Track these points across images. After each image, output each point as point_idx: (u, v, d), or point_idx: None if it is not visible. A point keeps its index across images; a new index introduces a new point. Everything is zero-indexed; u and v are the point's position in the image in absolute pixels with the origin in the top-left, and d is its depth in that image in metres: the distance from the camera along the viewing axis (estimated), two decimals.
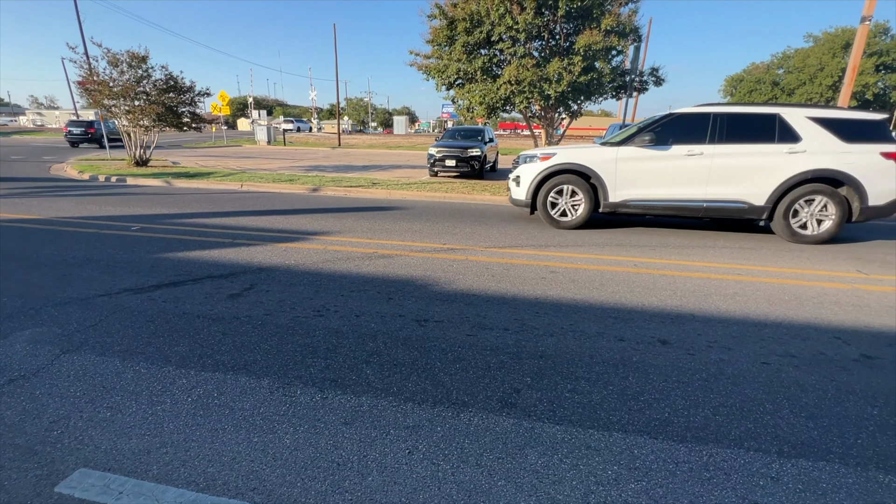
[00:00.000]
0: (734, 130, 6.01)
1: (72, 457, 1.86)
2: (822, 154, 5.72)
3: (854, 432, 2.12)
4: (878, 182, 5.68)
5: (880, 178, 5.68)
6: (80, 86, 13.33)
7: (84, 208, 7.34)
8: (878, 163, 5.64)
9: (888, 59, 34.15)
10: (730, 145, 5.98)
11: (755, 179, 5.93)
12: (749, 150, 5.94)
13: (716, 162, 5.98)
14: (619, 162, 6.26)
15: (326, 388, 2.39)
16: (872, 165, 5.65)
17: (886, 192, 5.71)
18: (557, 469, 1.86)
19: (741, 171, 5.96)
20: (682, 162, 6.08)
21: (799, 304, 3.72)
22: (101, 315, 3.21)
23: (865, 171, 5.66)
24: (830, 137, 5.74)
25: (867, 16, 8.75)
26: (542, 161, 6.55)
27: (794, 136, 5.83)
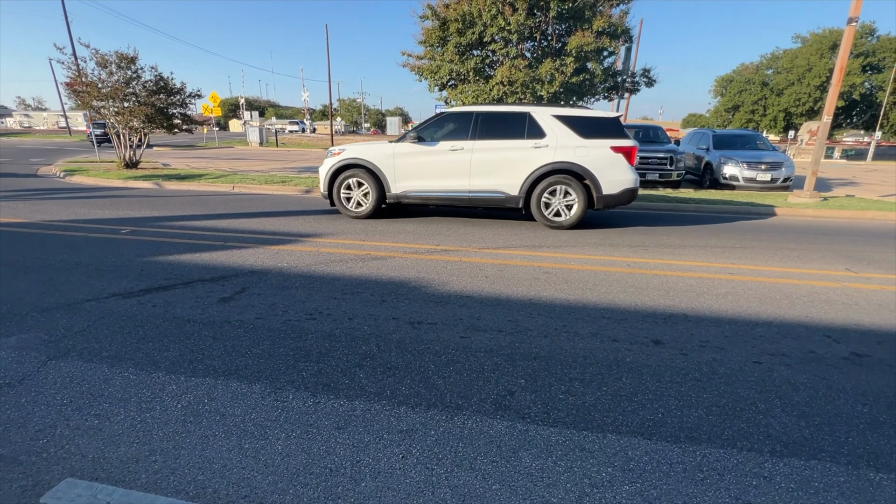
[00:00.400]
0: (491, 128, 6.60)
1: (58, 466, 1.82)
2: (563, 148, 6.34)
3: (845, 431, 2.14)
4: (610, 173, 6.32)
5: (611, 169, 6.32)
6: (68, 87, 13.15)
7: (72, 211, 7.23)
8: (609, 156, 6.30)
9: (875, 59, 34.67)
10: (488, 141, 6.54)
11: (509, 171, 6.50)
12: (503, 146, 6.52)
13: (475, 156, 6.55)
14: (396, 157, 6.81)
15: (319, 392, 2.37)
16: (604, 158, 6.30)
17: (617, 182, 6.35)
18: (552, 472, 1.85)
19: (497, 165, 6.52)
20: (447, 156, 6.65)
21: (790, 303, 3.76)
22: (88, 320, 3.16)
23: (598, 163, 6.29)
24: (570, 134, 6.36)
25: (854, 17, 8.87)
26: (335, 156, 7.07)
27: (541, 133, 6.42)
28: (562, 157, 6.31)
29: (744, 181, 11.43)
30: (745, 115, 42.03)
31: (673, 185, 11.94)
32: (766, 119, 41.00)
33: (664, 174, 11.61)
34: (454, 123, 6.77)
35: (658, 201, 9.09)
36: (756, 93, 41.39)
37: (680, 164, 11.70)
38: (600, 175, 6.30)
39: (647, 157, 11.64)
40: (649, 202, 8.96)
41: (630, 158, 6.34)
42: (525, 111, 6.53)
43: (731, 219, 7.95)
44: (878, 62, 34.72)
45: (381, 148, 6.93)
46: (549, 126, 6.42)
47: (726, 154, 11.98)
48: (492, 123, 6.60)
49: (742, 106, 42.33)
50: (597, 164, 6.28)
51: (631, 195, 6.50)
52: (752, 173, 11.34)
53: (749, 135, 13.51)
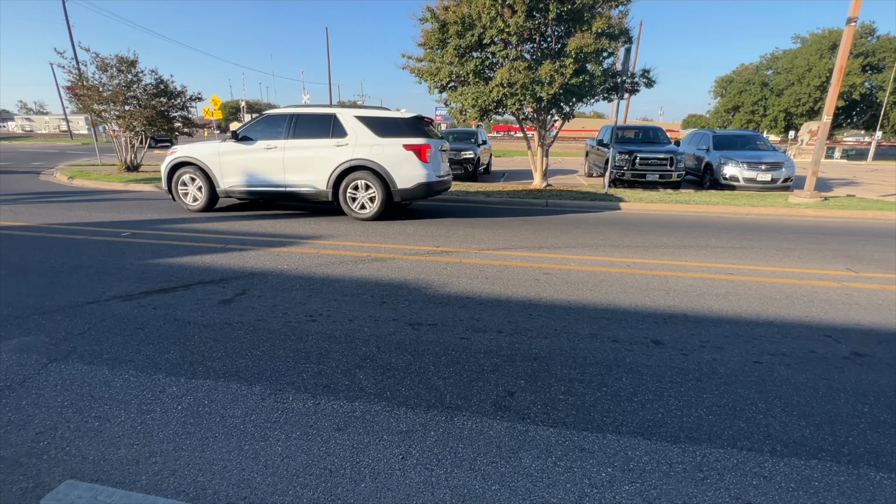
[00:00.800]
0: (304, 128, 7.11)
1: (58, 468, 1.82)
2: (361, 146, 6.87)
3: (845, 430, 2.14)
4: (402, 168, 6.82)
5: (403, 165, 6.81)
6: (69, 91, 13.20)
7: (73, 214, 7.25)
8: (401, 153, 6.79)
9: (874, 59, 34.64)
10: (299, 140, 7.07)
11: (316, 168, 7.02)
12: (311, 144, 7.04)
13: (287, 154, 7.07)
14: (221, 155, 7.32)
15: (319, 393, 2.37)
16: (396, 155, 6.79)
17: (410, 177, 6.85)
18: (552, 472, 1.85)
19: (306, 162, 7.05)
20: (264, 154, 7.17)
21: (790, 303, 3.75)
22: (89, 323, 3.16)
23: (391, 159, 6.80)
24: (369, 133, 6.91)
25: (853, 17, 8.87)
26: (171, 155, 7.62)
27: (343, 132, 6.96)
28: (360, 154, 6.83)
29: (744, 181, 11.42)
30: (746, 115, 42.02)
31: (673, 185, 11.94)
32: (767, 119, 40.99)
33: (664, 175, 11.62)
34: (273, 124, 7.26)
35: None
36: (756, 93, 41.38)
37: (680, 164, 11.70)
38: (394, 171, 6.80)
39: (648, 158, 11.65)
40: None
41: (421, 155, 6.80)
42: (331, 113, 7.10)
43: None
44: (877, 62, 34.70)
45: (209, 147, 7.43)
46: (351, 126, 6.95)
47: (726, 154, 11.98)
48: (304, 124, 7.12)
49: (742, 106, 42.32)
50: (390, 161, 6.79)
51: (426, 189, 6.96)
52: (752, 173, 11.33)
53: (749, 135, 13.51)
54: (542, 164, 11.28)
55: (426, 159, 6.82)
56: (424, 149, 6.79)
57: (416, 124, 7.02)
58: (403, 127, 6.93)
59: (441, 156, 7.45)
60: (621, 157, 11.69)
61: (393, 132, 6.88)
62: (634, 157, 11.67)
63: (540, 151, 11.22)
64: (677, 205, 9.02)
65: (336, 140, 6.95)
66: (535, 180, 11.50)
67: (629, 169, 11.69)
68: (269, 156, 7.13)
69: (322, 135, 7.01)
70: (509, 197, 9.70)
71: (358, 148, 6.87)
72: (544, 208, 8.95)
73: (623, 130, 13.65)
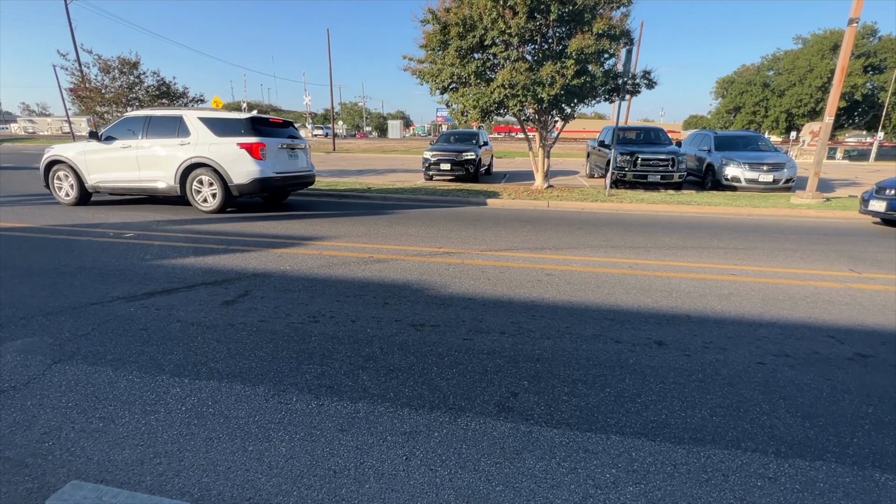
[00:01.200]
0: (156, 128, 7.69)
1: (63, 469, 1.83)
2: (201, 145, 7.42)
3: (850, 431, 2.13)
4: (237, 165, 7.38)
5: (238, 163, 7.36)
6: (72, 93, 13.26)
7: (76, 215, 7.27)
8: (235, 151, 7.34)
9: (876, 60, 34.61)
10: (150, 139, 7.68)
11: (165, 165, 7.59)
12: (160, 143, 7.62)
13: (140, 153, 7.70)
14: (87, 154, 7.99)
15: (322, 394, 2.37)
16: (231, 153, 7.34)
17: (245, 174, 7.40)
18: (555, 473, 1.85)
19: (156, 159, 7.65)
20: (121, 153, 7.79)
21: (793, 304, 3.74)
22: (93, 324, 3.17)
23: (227, 157, 7.35)
24: (208, 133, 7.47)
25: (855, 18, 8.87)
26: (46, 153, 8.33)
27: (187, 132, 7.53)
28: (200, 152, 7.39)
29: (746, 182, 11.41)
30: (747, 116, 41.99)
31: (675, 186, 11.93)
32: (768, 120, 40.95)
33: (666, 176, 11.61)
34: (130, 125, 7.86)
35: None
36: (757, 94, 41.35)
37: (682, 165, 11.69)
38: (229, 167, 7.36)
39: (649, 159, 11.64)
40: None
41: (254, 153, 7.35)
42: (178, 114, 7.68)
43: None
44: (879, 63, 34.66)
45: (77, 146, 8.13)
46: (194, 126, 7.51)
47: (728, 155, 11.96)
48: (156, 125, 7.71)
49: (743, 107, 42.29)
50: (226, 158, 7.34)
51: (261, 185, 7.48)
52: (754, 174, 11.32)
53: (751, 136, 13.49)
54: (544, 165, 11.28)
55: (260, 156, 7.39)
56: (257, 147, 7.36)
57: (251, 124, 7.53)
58: (239, 127, 7.46)
59: (288, 153, 8.02)
60: (623, 158, 11.69)
61: (230, 132, 7.43)
62: (636, 157, 11.67)
63: (541, 152, 11.23)
64: (679, 206, 9.02)
65: (181, 139, 7.52)
66: (536, 181, 11.50)
67: (631, 170, 11.69)
68: (125, 154, 7.76)
69: (170, 134, 7.59)
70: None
71: (199, 146, 7.42)
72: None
73: (624, 131, 13.65)
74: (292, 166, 8.08)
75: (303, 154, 8.46)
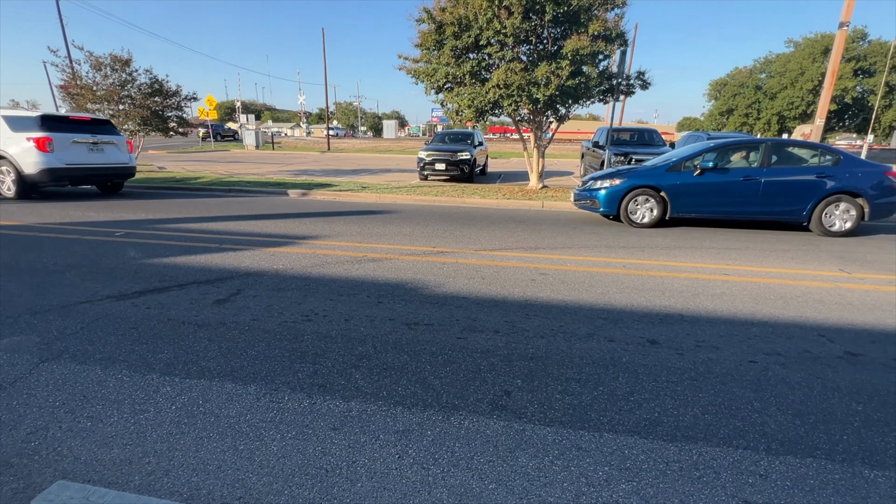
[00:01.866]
0: None
1: (49, 469, 1.80)
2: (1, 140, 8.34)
3: (840, 429, 2.15)
4: (27, 157, 8.24)
5: (28, 155, 8.25)
6: (63, 90, 13.10)
7: (66, 213, 7.18)
8: (25, 144, 8.26)
9: (866, 63, 35.07)
10: None
11: None
12: None
13: None
14: None
15: (315, 393, 2.35)
16: (22, 146, 8.28)
17: (33, 164, 8.25)
18: (548, 471, 1.84)
19: None
20: None
21: (784, 304, 3.78)
22: (82, 322, 3.13)
23: (19, 150, 8.28)
24: (6, 128, 8.38)
25: (845, 21, 8.98)
26: None
27: None
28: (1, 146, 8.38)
29: None
30: (740, 118, 42.37)
31: None
32: (760, 122, 41.34)
33: None
34: None
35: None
36: (750, 96, 41.76)
37: None
38: (21, 159, 8.26)
39: (643, 160, 11.69)
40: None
41: (39, 146, 8.25)
42: None
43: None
44: (869, 66, 35.14)
45: None
46: None
47: None
48: None
49: (736, 109, 42.68)
50: (18, 151, 8.28)
51: (50, 175, 8.35)
52: None
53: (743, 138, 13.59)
54: (539, 165, 11.31)
55: (46, 149, 8.27)
56: (44, 140, 8.26)
57: (41, 121, 8.46)
58: (31, 123, 8.40)
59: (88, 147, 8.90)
60: (617, 159, 11.74)
61: (23, 128, 8.34)
62: (630, 158, 11.71)
63: (536, 153, 11.25)
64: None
65: None
66: (531, 182, 11.52)
67: None
68: None
69: None
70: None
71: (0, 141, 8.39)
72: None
73: (618, 133, 13.71)
74: (93, 159, 8.98)
75: (113, 149, 9.29)
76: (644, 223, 7.08)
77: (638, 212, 7.09)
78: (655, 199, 6.97)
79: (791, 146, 7.27)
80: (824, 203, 6.63)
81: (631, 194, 7.06)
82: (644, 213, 7.07)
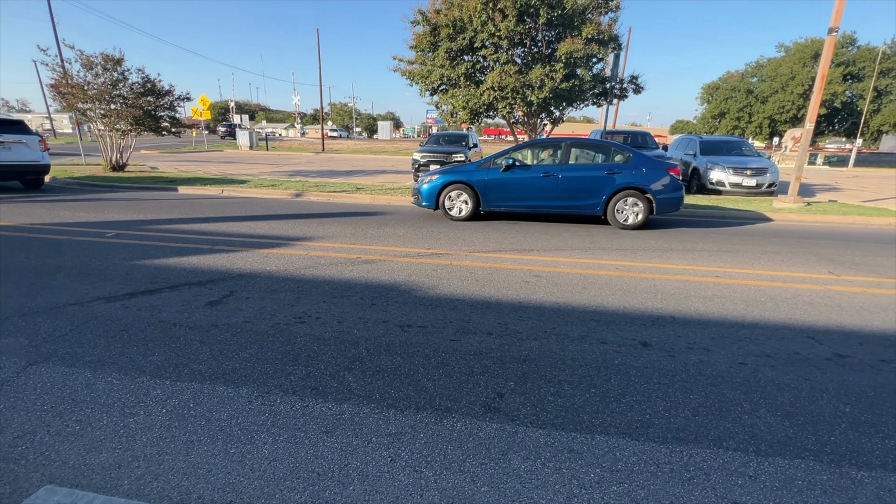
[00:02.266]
0: None
1: (37, 473, 1.78)
2: None
3: (828, 430, 2.18)
4: None
5: None
6: (53, 89, 12.95)
7: (56, 214, 7.10)
8: None
9: (855, 69, 35.56)
10: None
11: None
12: None
13: None
14: None
15: (307, 396, 2.35)
16: None
17: None
18: (540, 473, 1.85)
19: None
20: None
21: (774, 306, 3.82)
22: (71, 325, 3.10)
23: None
24: None
25: (834, 27, 9.10)
26: None
27: None
28: None
29: (730, 186, 11.61)
30: (731, 121, 42.79)
31: None
32: (752, 126, 41.78)
33: None
34: None
35: None
36: (741, 100, 42.18)
37: None
38: None
39: None
40: None
41: None
42: None
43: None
44: (858, 71, 35.62)
45: None
46: None
47: (713, 160, 12.16)
48: None
49: (728, 113, 43.10)
50: None
51: None
52: (737, 178, 11.53)
53: (735, 141, 13.74)
54: None
55: None
56: None
57: None
58: None
59: None
60: None
61: None
62: None
63: None
64: None
65: None
66: None
67: None
68: None
69: None
70: None
71: None
72: None
73: (612, 135, 13.80)
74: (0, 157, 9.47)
75: (22, 147, 9.69)
76: (460, 217, 7.51)
77: (454, 206, 7.52)
78: (468, 194, 7.40)
79: (588, 145, 7.80)
80: (616, 198, 7.05)
81: (446, 190, 7.47)
82: (460, 207, 7.51)
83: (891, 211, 9.52)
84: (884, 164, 29.39)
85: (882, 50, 32.87)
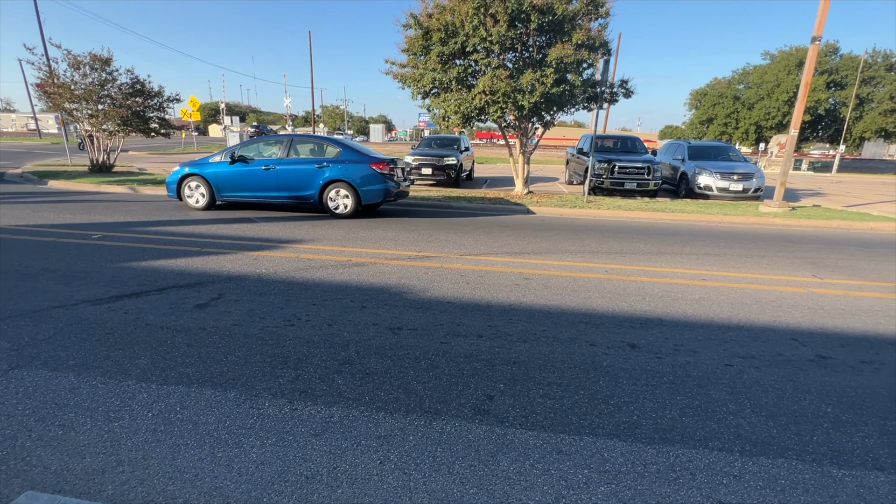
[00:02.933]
0: None
1: (18, 479, 1.74)
2: None
3: (810, 430, 2.22)
4: None
5: None
6: (39, 88, 12.75)
7: (40, 216, 6.97)
8: None
9: (838, 77, 36.38)
10: None
11: None
12: None
13: None
14: None
15: (296, 399, 2.33)
16: None
17: None
18: (529, 475, 1.86)
19: None
20: None
21: (759, 308, 3.88)
22: (55, 328, 3.04)
23: None
24: None
25: (817, 36, 9.32)
26: None
27: None
28: None
29: (717, 191, 11.79)
30: (719, 127, 43.46)
31: (650, 193, 12.23)
32: (739, 132, 42.47)
33: (642, 183, 11.89)
34: None
35: None
36: (728, 106, 42.87)
37: (657, 173, 12.00)
38: None
39: (626, 167, 11.91)
40: None
41: None
42: None
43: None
44: (840, 79, 36.44)
45: None
46: None
47: (701, 165, 12.35)
48: None
49: (716, 119, 43.78)
50: None
51: None
52: (724, 183, 11.71)
53: (722, 146, 13.97)
54: (524, 171, 11.42)
55: None
56: None
57: None
58: None
59: None
60: (600, 166, 11.93)
61: None
62: (613, 165, 11.92)
63: (522, 159, 11.37)
64: (654, 213, 9.25)
65: None
66: (516, 187, 11.63)
67: (608, 177, 11.93)
68: None
69: None
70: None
71: None
72: None
73: (602, 140, 13.94)
74: None
75: None
76: (199, 206, 8.03)
77: (193, 196, 8.04)
78: (205, 185, 7.92)
79: (306, 141, 8.41)
80: (328, 189, 7.66)
81: (185, 181, 8.00)
82: (198, 198, 8.03)
83: (872, 216, 9.74)
84: (866, 170, 30.08)
85: (864, 59, 33.66)
